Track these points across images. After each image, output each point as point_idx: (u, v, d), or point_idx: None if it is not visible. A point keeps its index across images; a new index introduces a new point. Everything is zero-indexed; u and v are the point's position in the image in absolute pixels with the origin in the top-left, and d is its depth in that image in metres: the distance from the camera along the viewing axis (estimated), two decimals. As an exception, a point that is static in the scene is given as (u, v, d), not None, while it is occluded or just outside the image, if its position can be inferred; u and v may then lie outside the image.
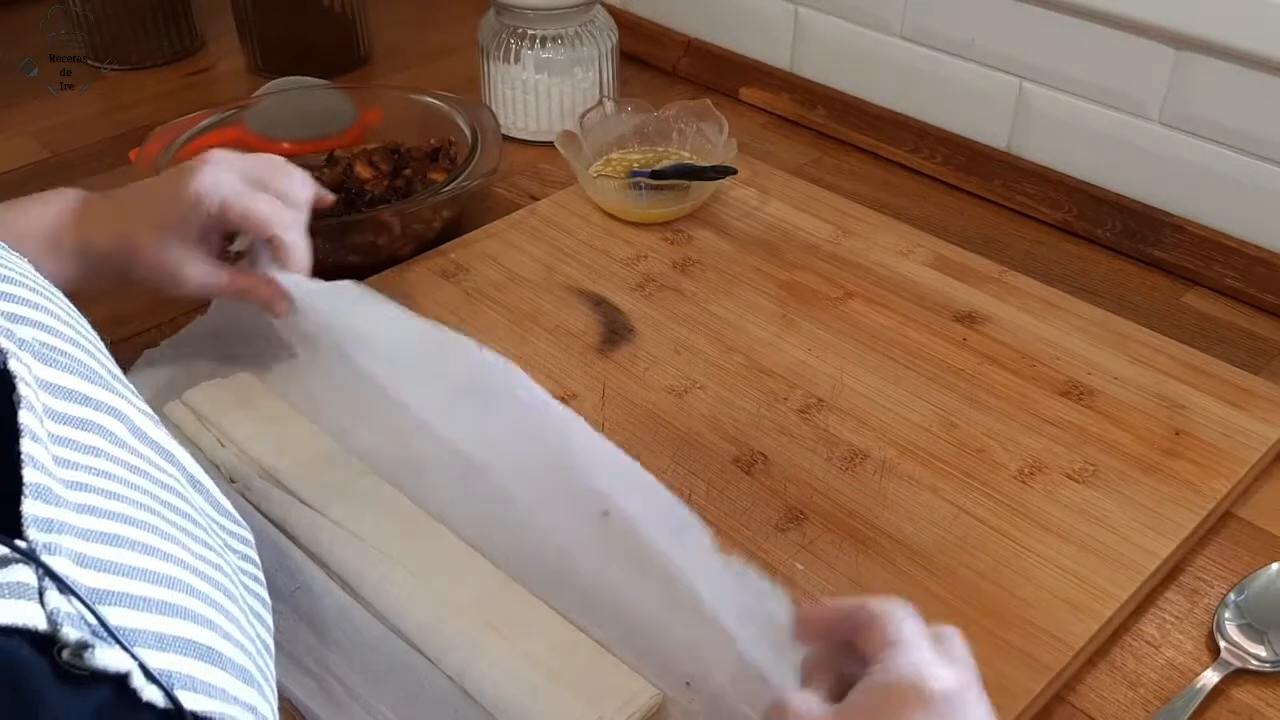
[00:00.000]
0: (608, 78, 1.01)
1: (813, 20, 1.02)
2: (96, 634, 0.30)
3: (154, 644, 0.32)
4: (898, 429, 0.68)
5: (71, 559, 0.32)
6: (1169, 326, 0.78)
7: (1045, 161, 0.91)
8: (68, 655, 0.29)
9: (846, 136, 1.02)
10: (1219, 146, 0.81)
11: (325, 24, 1.13)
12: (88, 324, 0.43)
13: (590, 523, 0.53)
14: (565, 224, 0.88)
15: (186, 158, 0.85)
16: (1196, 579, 0.61)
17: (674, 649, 0.54)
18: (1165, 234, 0.85)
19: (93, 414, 0.37)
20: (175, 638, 0.33)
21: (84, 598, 0.31)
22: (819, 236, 0.86)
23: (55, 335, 0.39)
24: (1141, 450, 0.67)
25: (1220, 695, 0.55)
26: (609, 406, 0.70)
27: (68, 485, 0.34)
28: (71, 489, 0.34)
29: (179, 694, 0.32)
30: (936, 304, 0.79)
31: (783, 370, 0.73)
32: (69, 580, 0.31)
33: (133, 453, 0.38)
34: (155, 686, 0.31)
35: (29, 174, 0.97)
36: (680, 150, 0.93)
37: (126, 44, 1.13)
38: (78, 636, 0.30)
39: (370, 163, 0.88)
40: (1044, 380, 0.72)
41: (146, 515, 0.36)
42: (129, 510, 0.35)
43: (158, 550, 0.35)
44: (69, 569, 0.31)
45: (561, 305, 0.79)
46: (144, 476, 0.38)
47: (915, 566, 0.60)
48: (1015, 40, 0.89)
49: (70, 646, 0.29)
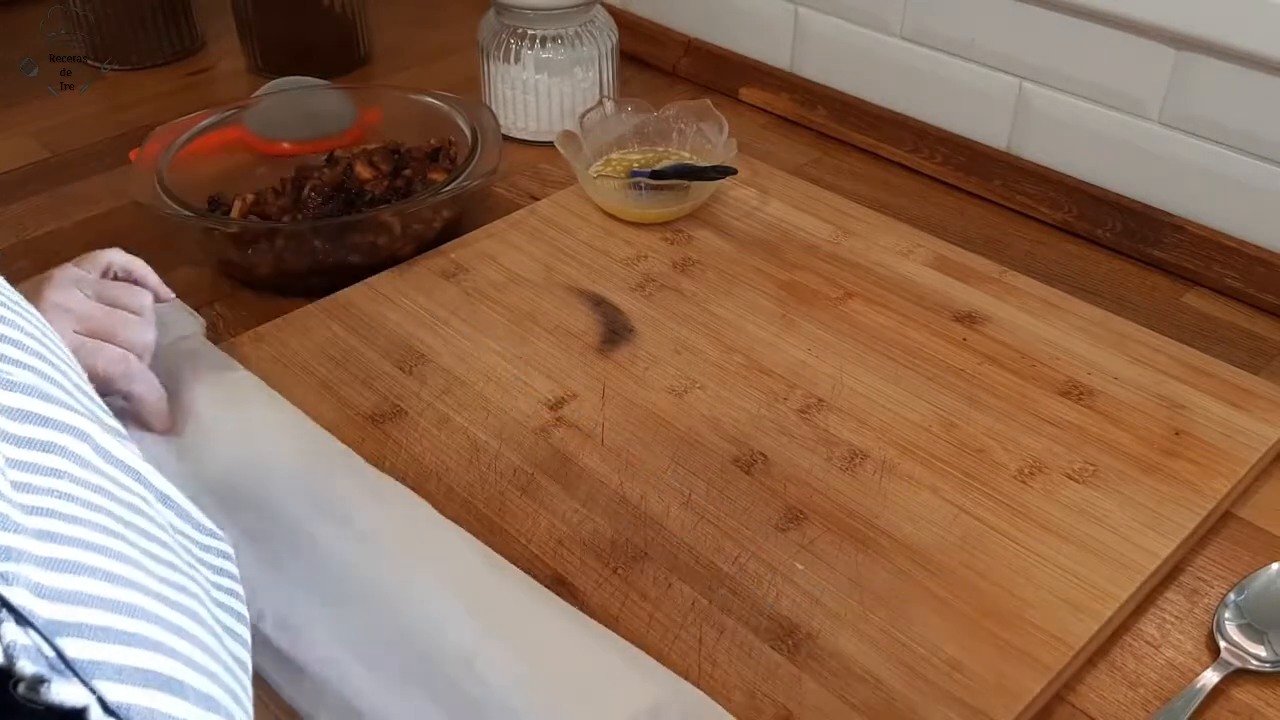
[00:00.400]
0: (608, 78, 1.01)
1: (813, 20, 1.02)
2: (54, 667, 0.30)
3: (113, 676, 0.31)
4: (898, 429, 0.68)
5: (29, 589, 0.31)
6: (1169, 326, 0.78)
7: (1045, 161, 0.91)
8: (23, 690, 0.29)
9: (846, 136, 1.02)
10: (1219, 146, 0.81)
11: (325, 24, 1.13)
12: (57, 337, 0.42)
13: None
14: (565, 224, 0.88)
15: (186, 158, 0.86)
16: (1196, 579, 0.61)
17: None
18: (1165, 234, 0.85)
19: (53, 435, 0.36)
20: (136, 669, 0.32)
21: (41, 630, 0.30)
22: (819, 236, 0.86)
23: (19, 349, 0.38)
24: (1141, 450, 0.67)
25: (1220, 695, 0.55)
26: (609, 406, 0.70)
27: (26, 510, 0.33)
28: (30, 514, 0.33)
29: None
30: (936, 304, 0.79)
31: (783, 370, 0.73)
32: (26, 612, 0.30)
33: (96, 473, 0.37)
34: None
35: (29, 174, 0.97)
36: (680, 150, 0.93)
37: (126, 44, 1.13)
38: (34, 670, 0.29)
39: (370, 163, 0.88)
40: (1044, 380, 0.72)
41: (109, 540, 0.35)
42: (91, 535, 0.35)
43: (120, 577, 0.34)
44: (26, 600, 0.30)
45: (561, 305, 0.79)
46: (108, 498, 0.37)
47: (915, 566, 0.60)
48: (1015, 40, 0.89)
49: (26, 680, 0.29)
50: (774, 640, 0.56)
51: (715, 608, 0.58)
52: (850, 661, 0.55)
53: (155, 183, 0.81)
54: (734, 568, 0.60)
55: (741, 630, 0.57)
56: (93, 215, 0.91)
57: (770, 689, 0.54)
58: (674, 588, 0.59)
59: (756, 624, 0.57)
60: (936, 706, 0.53)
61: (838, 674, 0.54)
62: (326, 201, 0.84)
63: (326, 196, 0.85)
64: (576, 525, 0.62)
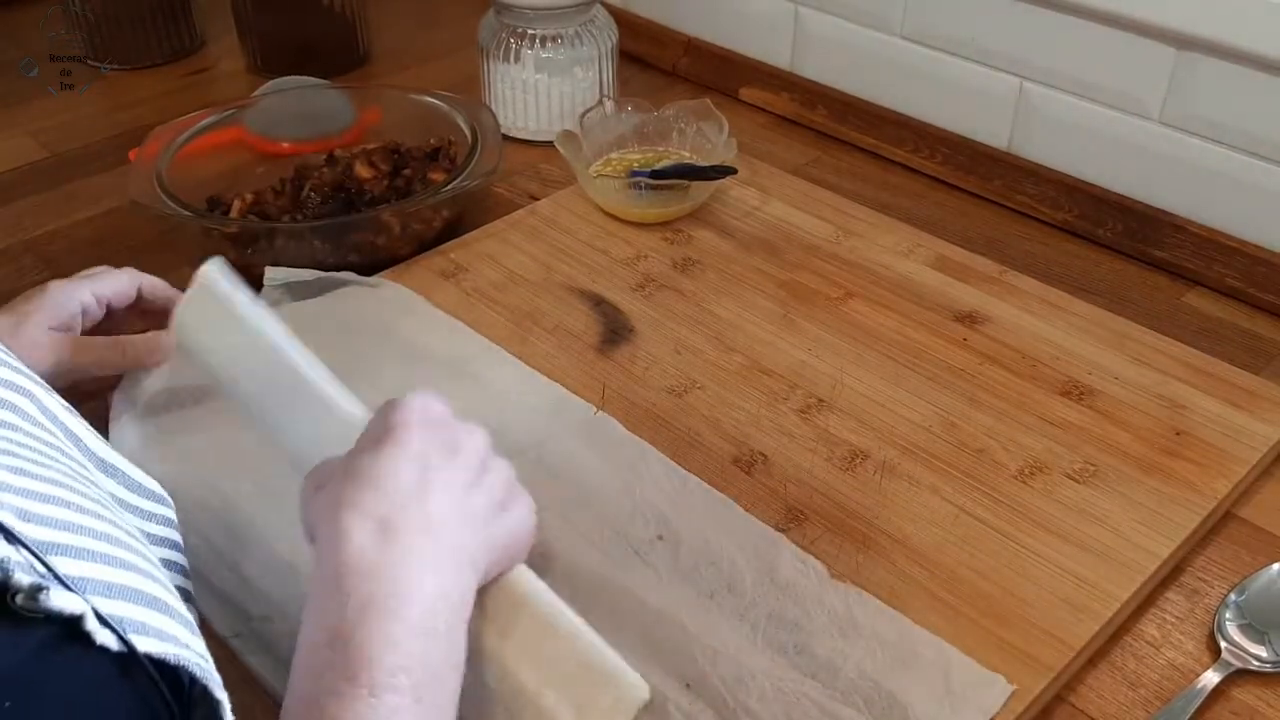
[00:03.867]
0: (608, 78, 1.01)
1: (813, 20, 1.02)
2: (46, 580, 0.31)
3: (103, 592, 0.33)
4: (898, 429, 0.68)
5: (14, 514, 0.32)
6: (1169, 326, 0.78)
7: (1046, 161, 0.91)
8: (21, 599, 0.30)
9: (846, 136, 1.01)
10: (1219, 146, 0.81)
11: (325, 24, 1.13)
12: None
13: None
14: (565, 224, 0.88)
15: (186, 158, 0.86)
16: (1197, 579, 0.61)
17: (674, 650, 0.54)
18: (1166, 234, 0.84)
19: (3, 392, 0.38)
20: (123, 587, 0.34)
21: (32, 548, 0.31)
22: (819, 236, 0.86)
23: None
24: (1142, 450, 0.67)
25: (1221, 695, 0.55)
26: (609, 406, 0.70)
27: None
28: (2, 454, 0.35)
29: (131, 638, 0.32)
30: (937, 304, 0.78)
31: (783, 370, 0.73)
32: (16, 532, 0.31)
33: (45, 430, 0.39)
34: (108, 630, 0.32)
35: (28, 174, 0.97)
36: (680, 150, 0.93)
37: (126, 44, 1.13)
38: (31, 580, 0.30)
39: (370, 163, 0.88)
40: (1044, 380, 0.72)
41: (72, 482, 0.37)
42: (57, 475, 0.36)
43: (89, 510, 0.36)
44: (13, 522, 0.32)
45: (561, 305, 0.79)
46: (59, 453, 0.39)
47: (915, 566, 0.60)
48: (1015, 40, 0.89)
49: (24, 591, 0.30)
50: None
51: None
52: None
53: (154, 182, 0.81)
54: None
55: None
56: (92, 215, 0.91)
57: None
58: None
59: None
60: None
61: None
62: (326, 201, 0.84)
63: (326, 196, 0.85)
64: (576, 525, 0.62)
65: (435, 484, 0.48)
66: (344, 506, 0.46)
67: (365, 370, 0.65)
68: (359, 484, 0.47)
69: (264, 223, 0.82)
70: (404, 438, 0.49)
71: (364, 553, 0.44)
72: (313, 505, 0.48)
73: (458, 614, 0.46)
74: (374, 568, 0.44)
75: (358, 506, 0.46)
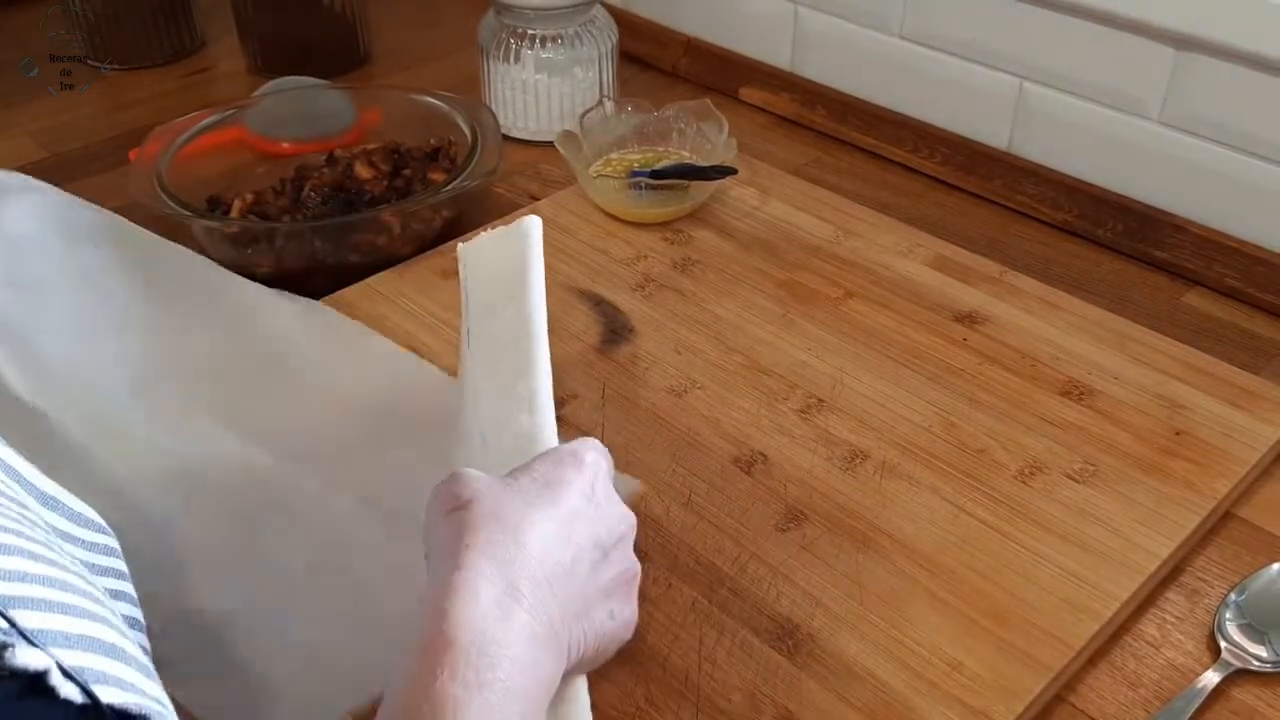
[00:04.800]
0: (608, 78, 1.01)
1: (813, 20, 1.02)
2: (10, 637, 0.31)
3: (64, 643, 0.33)
4: (898, 429, 0.68)
5: None
6: (1169, 326, 0.78)
7: (1045, 161, 0.91)
8: None
9: (846, 136, 1.01)
10: (1219, 146, 0.81)
11: (325, 24, 1.13)
12: None
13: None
14: (565, 224, 0.88)
15: (186, 158, 0.86)
16: (1197, 579, 0.61)
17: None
18: (1166, 234, 0.85)
19: None
20: (81, 636, 0.34)
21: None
22: (819, 236, 0.86)
23: None
24: (1142, 450, 0.67)
25: (1221, 696, 0.55)
26: (609, 406, 0.70)
27: None
28: None
29: (94, 689, 0.32)
30: (937, 304, 0.79)
31: (783, 370, 0.73)
32: None
33: None
34: (71, 683, 0.31)
35: (28, 174, 0.97)
36: (680, 150, 0.93)
37: (126, 44, 1.13)
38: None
39: (370, 163, 0.88)
40: (1044, 380, 0.72)
41: (21, 526, 0.37)
42: (7, 522, 0.36)
43: (42, 557, 0.36)
44: None
45: (561, 305, 0.79)
46: (3, 496, 0.39)
47: (915, 566, 0.60)
48: (1015, 40, 0.89)
49: None
50: (774, 640, 0.56)
51: (715, 608, 0.58)
52: (850, 661, 0.55)
53: (155, 182, 0.81)
54: (734, 568, 0.60)
55: (741, 630, 0.57)
56: (92, 215, 0.91)
57: (770, 689, 0.54)
58: (674, 588, 0.59)
59: (757, 624, 0.57)
60: (936, 706, 0.53)
61: (838, 674, 0.54)
62: (326, 201, 0.84)
63: (326, 196, 0.85)
64: (576, 525, 0.62)
65: (582, 563, 0.48)
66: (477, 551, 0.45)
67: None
68: (504, 531, 0.46)
69: (264, 223, 0.82)
70: (574, 505, 0.48)
71: (486, 619, 0.43)
72: (443, 528, 0.47)
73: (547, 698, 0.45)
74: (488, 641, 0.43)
75: (493, 559, 0.44)
